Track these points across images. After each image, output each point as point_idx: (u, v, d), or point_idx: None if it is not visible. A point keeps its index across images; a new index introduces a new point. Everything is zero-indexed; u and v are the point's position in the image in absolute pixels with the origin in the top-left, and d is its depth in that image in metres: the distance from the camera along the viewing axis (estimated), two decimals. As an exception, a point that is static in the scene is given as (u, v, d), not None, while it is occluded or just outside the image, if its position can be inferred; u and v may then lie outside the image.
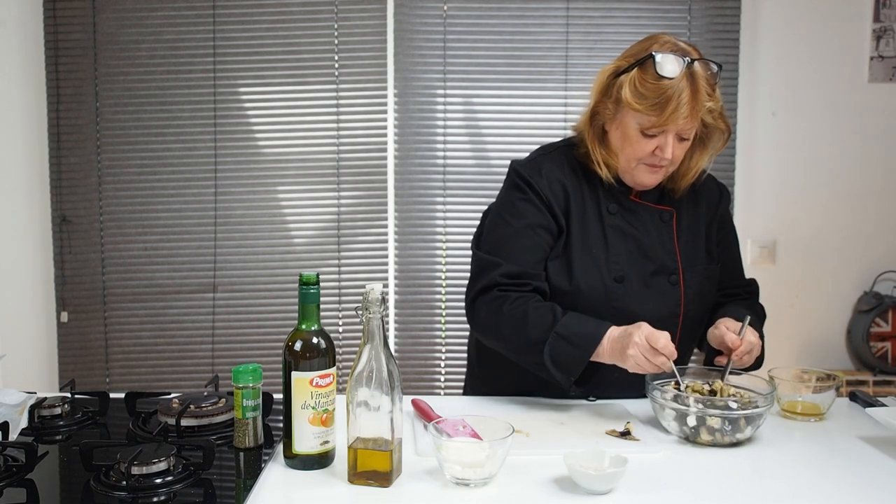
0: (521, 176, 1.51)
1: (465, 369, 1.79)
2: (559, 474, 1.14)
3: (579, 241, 1.48)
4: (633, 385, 1.42)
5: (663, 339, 1.30)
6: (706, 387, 1.36)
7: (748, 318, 1.43)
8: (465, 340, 1.78)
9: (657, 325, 1.47)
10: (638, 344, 1.30)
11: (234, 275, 2.99)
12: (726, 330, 1.43)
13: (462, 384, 1.79)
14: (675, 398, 1.29)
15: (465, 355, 1.77)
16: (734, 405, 1.26)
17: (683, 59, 1.35)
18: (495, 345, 1.49)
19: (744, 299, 1.63)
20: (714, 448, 1.27)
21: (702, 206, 1.57)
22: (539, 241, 1.48)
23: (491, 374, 1.62)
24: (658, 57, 1.35)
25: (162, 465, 1.10)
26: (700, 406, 1.27)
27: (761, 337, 1.49)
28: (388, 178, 2.98)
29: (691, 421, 1.27)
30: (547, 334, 1.37)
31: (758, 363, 1.51)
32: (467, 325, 1.57)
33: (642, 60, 1.37)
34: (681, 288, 1.50)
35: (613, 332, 1.35)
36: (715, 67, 1.38)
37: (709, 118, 1.39)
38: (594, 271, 1.47)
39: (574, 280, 1.46)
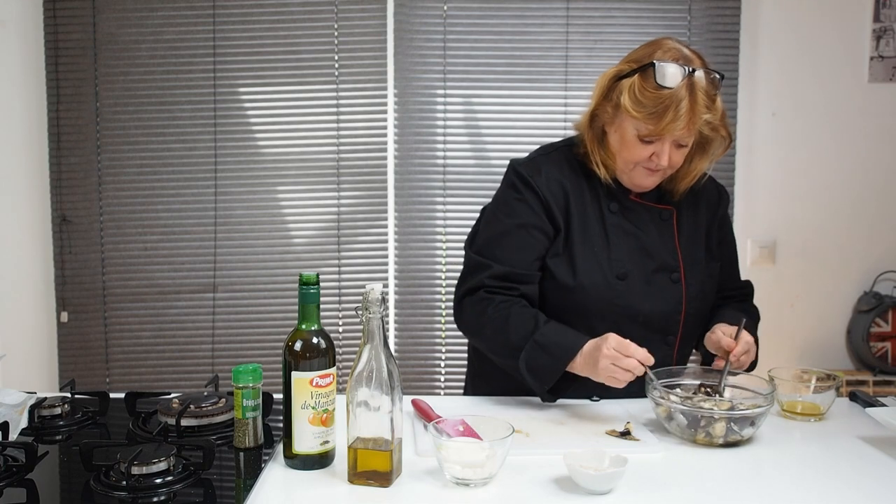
0: (519, 175, 1.51)
1: (464, 369, 1.79)
2: (559, 474, 1.15)
3: (581, 239, 1.49)
4: (633, 385, 1.42)
5: (633, 345, 1.31)
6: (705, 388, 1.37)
7: (743, 320, 1.45)
8: (466, 340, 1.78)
9: (660, 321, 1.48)
10: (607, 355, 1.32)
11: (234, 275, 2.99)
12: (722, 335, 1.44)
13: (462, 384, 1.79)
14: (675, 398, 1.29)
15: (465, 355, 1.77)
16: (735, 405, 1.27)
17: (685, 69, 1.34)
18: (479, 345, 1.54)
19: (739, 301, 1.65)
20: (714, 448, 1.27)
21: (701, 205, 1.57)
22: (532, 241, 1.48)
23: (492, 373, 1.62)
24: (659, 65, 1.35)
25: (162, 465, 1.10)
26: (700, 406, 1.28)
27: (755, 339, 1.50)
28: (388, 178, 2.98)
29: (692, 421, 1.27)
30: (525, 341, 1.40)
31: (752, 365, 1.52)
32: None
33: (644, 67, 1.37)
34: (682, 286, 1.51)
35: (588, 346, 1.37)
36: (717, 77, 1.38)
37: (706, 130, 1.39)
38: (596, 269, 1.47)
39: (578, 277, 1.47)
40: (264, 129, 2.96)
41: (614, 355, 1.31)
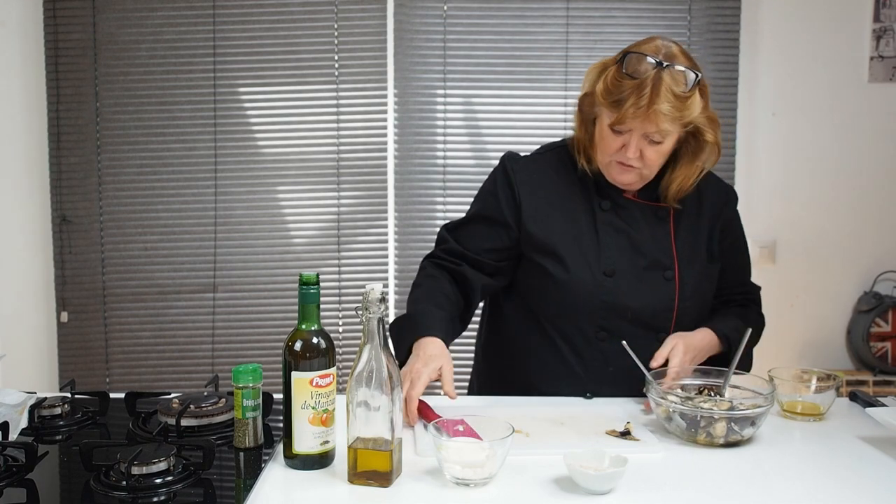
0: (504, 169, 1.56)
1: (465, 369, 1.79)
2: (559, 474, 1.14)
3: (570, 236, 1.50)
4: (633, 385, 1.42)
5: (418, 387, 1.35)
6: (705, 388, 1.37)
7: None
8: (468, 340, 1.78)
9: (650, 318, 1.49)
10: (407, 370, 1.38)
11: (234, 275, 2.99)
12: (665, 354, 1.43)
13: (464, 384, 1.79)
14: (675, 398, 1.29)
15: (466, 355, 1.77)
16: (735, 405, 1.26)
17: (655, 61, 1.35)
18: None
19: (739, 305, 1.61)
20: (714, 448, 1.27)
21: (705, 205, 1.57)
22: (489, 234, 1.54)
23: (497, 370, 1.63)
24: (629, 55, 1.37)
25: (162, 465, 1.10)
26: (701, 406, 1.28)
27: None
28: (388, 178, 2.98)
29: (691, 421, 1.27)
30: (405, 310, 1.52)
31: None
32: (468, 325, 1.60)
33: (620, 58, 1.39)
34: (676, 283, 1.50)
35: (419, 348, 1.41)
36: (692, 76, 1.36)
37: (667, 124, 1.37)
38: (584, 265, 1.48)
39: (566, 274, 1.48)
40: (264, 129, 2.96)
41: (407, 373, 1.36)
